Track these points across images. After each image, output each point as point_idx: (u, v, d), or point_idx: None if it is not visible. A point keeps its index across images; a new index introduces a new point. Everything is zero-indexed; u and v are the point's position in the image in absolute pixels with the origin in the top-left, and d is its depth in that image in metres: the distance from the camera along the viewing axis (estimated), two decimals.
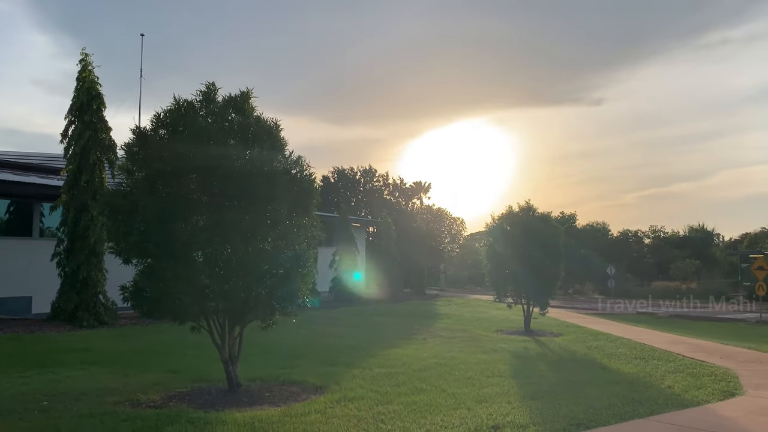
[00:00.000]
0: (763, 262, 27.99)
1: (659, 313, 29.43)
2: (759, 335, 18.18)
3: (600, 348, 13.68)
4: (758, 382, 9.45)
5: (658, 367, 10.89)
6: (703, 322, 24.75)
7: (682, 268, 54.84)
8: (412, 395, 8.08)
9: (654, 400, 7.89)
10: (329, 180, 60.03)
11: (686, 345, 14.60)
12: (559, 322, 20.75)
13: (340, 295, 29.12)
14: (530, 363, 11.56)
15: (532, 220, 17.34)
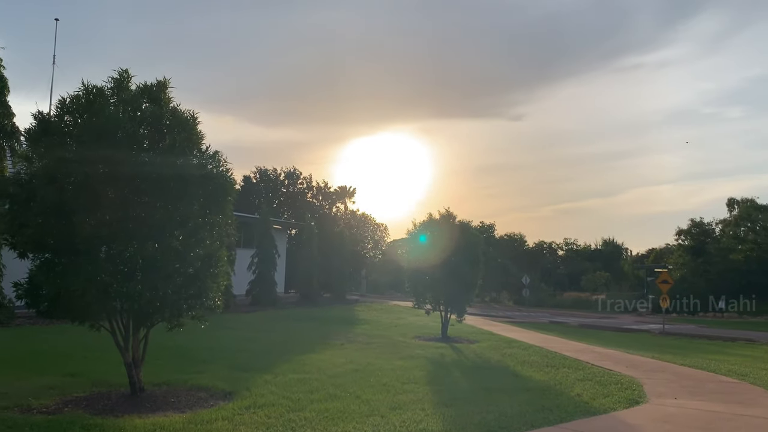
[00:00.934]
0: (667, 276, 29.46)
1: (570, 322, 30.42)
2: (661, 345, 19.05)
3: (513, 355, 13.91)
4: (661, 390, 9.80)
5: (568, 375, 11.13)
6: (611, 332, 25.77)
7: (592, 280, 57.15)
8: (326, 402, 7.87)
9: (564, 408, 8.01)
10: (251, 180, 58.88)
11: (595, 354, 15.07)
12: (476, 329, 21.05)
13: (258, 298, 28.48)
14: (446, 370, 11.58)
15: (452, 228, 17.50)
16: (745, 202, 50.63)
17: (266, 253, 29.55)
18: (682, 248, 50.59)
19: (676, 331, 25.96)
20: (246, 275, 28.84)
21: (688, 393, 9.63)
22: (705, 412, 8.13)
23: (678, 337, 23.60)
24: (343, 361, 11.75)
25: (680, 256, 50.36)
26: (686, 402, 8.84)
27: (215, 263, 7.51)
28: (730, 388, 10.33)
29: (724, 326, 32.43)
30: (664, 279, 28.57)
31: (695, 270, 47.36)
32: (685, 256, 49.48)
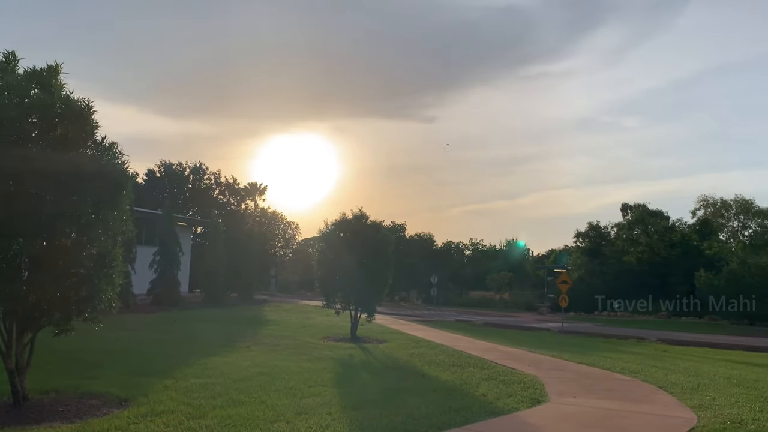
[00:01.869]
0: (566, 277, 30.75)
1: (475, 320, 31.17)
2: (561, 344, 19.81)
3: (421, 355, 14.01)
4: (561, 388, 10.13)
5: (473, 374, 11.30)
6: (514, 330, 26.59)
7: (496, 280, 58.96)
8: (229, 408, 7.57)
9: (469, 408, 8.09)
10: (155, 174, 56.60)
11: (498, 352, 15.45)
12: (385, 328, 21.11)
13: (160, 298, 27.34)
14: (354, 371, 11.49)
15: (364, 228, 17.44)
16: (638, 207, 53.79)
17: (169, 251, 28.43)
18: (580, 250, 53.08)
19: (574, 330, 27.14)
20: (147, 274, 27.63)
21: (587, 391, 10.01)
22: (601, 410, 8.45)
23: (576, 335, 24.68)
24: (248, 364, 11.40)
25: (578, 258, 52.81)
26: (584, 400, 9.17)
27: (110, 263, 7.03)
28: (624, 385, 10.83)
29: (618, 325, 34.29)
30: (564, 279, 29.79)
31: (592, 271, 49.82)
32: (582, 258, 51.94)
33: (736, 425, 7.45)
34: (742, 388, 10.67)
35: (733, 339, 25.34)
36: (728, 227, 54.53)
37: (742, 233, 53.25)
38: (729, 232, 54.61)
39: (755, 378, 12.32)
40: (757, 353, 19.28)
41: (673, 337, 24.46)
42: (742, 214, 53.34)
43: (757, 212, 52.39)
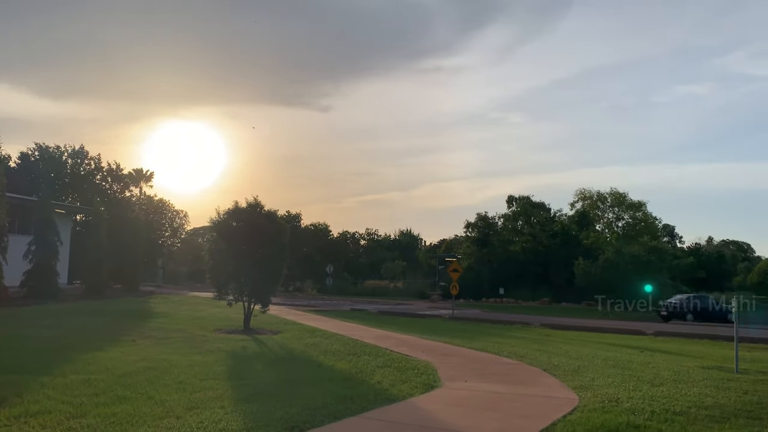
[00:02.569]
0: (457, 265, 31.73)
1: (370, 309, 31.49)
2: (452, 330, 20.42)
3: (316, 345, 13.94)
4: (453, 374, 10.41)
5: (369, 362, 11.38)
6: (407, 318, 27.10)
7: (391, 269, 59.88)
8: (113, 405, 7.15)
9: (365, 397, 8.13)
10: (29, 158, 52.59)
11: (393, 340, 15.67)
12: (280, 319, 20.84)
13: (35, 290, 25.46)
14: (248, 363, 11.23)
15: (258, 217, 17.05)
16: (523, 200, 56.38)
17: (46, 239, 26.51)
18: (470, 239, 54.96)
19: (464, 316, 28.06)
20: (22, 264, 25.63)
21: (477, 375, 10.35)
22: (491, 393, 8.76)
23: (466, 321, 25.54)
24: (134, 358, 10.85)
25: (468, 247, 54.67)
26: (475, 384, 9.48)
27: None
28: (512, 369, 11.31)
29: (505, 311, 35.87)
30: (455, 268, 30.75)
31: (481, 259, 51.77)
32: (472, 247, 53.81)
33: (613, 403, 7.95)
34: (617, 369, 11.44)
35: (608, 323, 27.24)
36: (604, 218, 58.34)
37: (616, 224, 57.17)
38: (605, 223, 58.47)
39: (629, 359, 13.25)
40: (629, 336, 20.78)
41: (555, 321, 25.90)
42: (616, 207, 57.24)
43: (629, 205, 56.39)
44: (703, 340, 19.28)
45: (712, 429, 6.75)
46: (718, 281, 71.78)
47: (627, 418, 7.05)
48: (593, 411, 7.44)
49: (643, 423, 6.85)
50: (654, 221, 60.12)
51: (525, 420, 6.99)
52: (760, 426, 7.01)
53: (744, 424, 7.08)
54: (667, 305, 34.73)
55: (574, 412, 7.41)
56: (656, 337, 20.52)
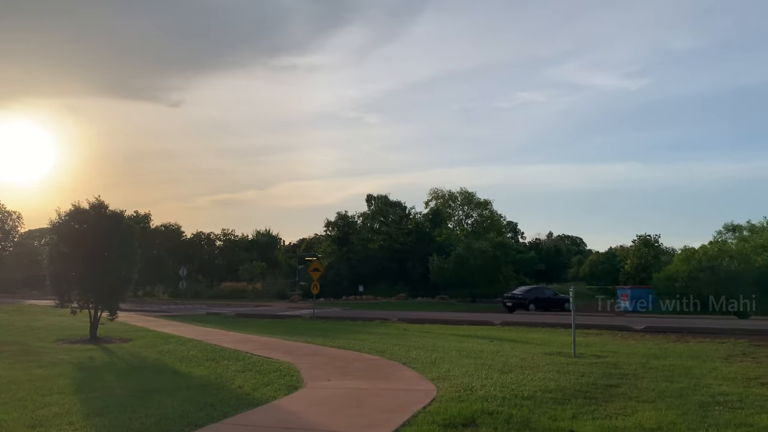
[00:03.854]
0: (318, 264, 31.79)
1: (227, 312, 30.65)
2: (313, 329, 20.43)
3: (171, 352, 13.35)
4: (316, 373, 10.44)
5: (228, 367, 11.10)
6: (267, 319, 26.70)
7: (249, 270, 58.62)
8: None
9: (227, 402, 7.93)
10: None
11: (253, 343, 15.40)
12: (129, 326, 19.71)
13: None
14: (96, 374, 10.51)
15: (103, 218, 15.99)
16: (380, 199, 57.65)
17: None
18: (330, 238, 55.26)
19: (325, 315, 28.18)
20: None
21: (340, 373, 10.46)
22: (354, 390, 8.90)
23: (327, 320, 25.65)
24: None
25: (328, 246, 54.93)
26: (338, 383, 9.58)
27: None
28: (373, 365, 11.55)
29: (364, 308, 36.48)
30: (315, 267, 30.78)
31: (341, 258, 52.24)
32: (332, 246, 54.14)
33: (468, 392, 8.40)
34: (470, 359, 12.08)
35: (460, 315, 28.63)
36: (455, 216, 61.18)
37: (466, 221, 60.16)
38: (456, 220, 61.31)
39: (480, 349, 14.04)
40: (479, 326, 21.97)
41: (411, 316, 26.78)
42: (466, 205, 60.24)
43: (478, 203, 59.59)
44: (544, 328, 20.81)
45: (556, 410, 7.34)
46: (556, 273, 77.96)
47: (481, 405, 7.47)
48: (450, 401, 7.81)
49: (495, 409, 7.30)
50: (499, 218, 64.14)
51: (388, 414, 7.18)
52: (595, 405, 7.73)
53: (582, 404, 7.77)
54: (512, 296, 37.11)
55: (432, 403, 7.73)
56: (503, 326, 21.87)
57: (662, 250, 54.87)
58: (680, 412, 7.32)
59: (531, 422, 6.74)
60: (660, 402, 7.92)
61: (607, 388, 8.95)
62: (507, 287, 42.98)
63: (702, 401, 7.98)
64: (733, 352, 13.91)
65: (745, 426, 6.63)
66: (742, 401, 7.97)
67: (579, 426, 6.58)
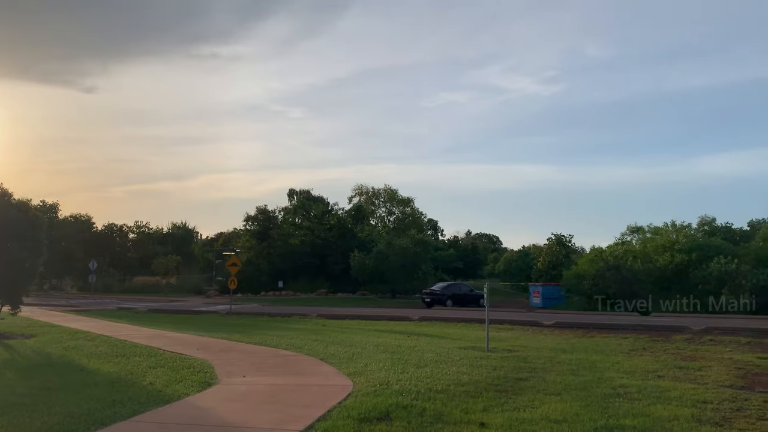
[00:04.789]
0: (236, 259, 31.25)
1: (140, 307, 29.66)
2: (229, 325, 20.08)
3: (78, 348, 12.81)
4: (230, 369, 10.29)
5: (139, 363, 10.77)
6: (182, 315, 26.04)
7: (163, 264, 56.86)
8: None
9: (136, 399, 7.69)
10: None
11: (166, 339, 14.99)
12: (33, 321, 18.76)
13: None
14: None
15: (7, 208, 15.12)
16: (303, 193, 57.26)
17: None
18: (249, 233, 54.34)
19: (242, 311, 27.76)
20: None
21: (255, 369, 10.35)
22: (270, 386, 8.84)
23: (244, 316, 25.27)
24: None
25: (247, 240, 54.01)
26: (253, 379, 9.48)
27: None
28: (290, 360, 11.49)
29: (284, 303, 36.17)
30: (233, 262, 30.25)
31: (260, 253, 51.49)
32: (251, 240, 53.27)
33: (384, 387, 8.51)
34: (387, 354, 12.23)
35: (379, 310, 28.88)
36: (378, 213, 61.58)
37: (388, 218, 60.66)
38: (378, 217, 61.71)
39: (397, 344, 14.24)
40: (398, 322, 22.26)
41: (331, 312, 26.80)
42: (389, 202, 60.73)
43: (400, 200, 60.20)
44: (460, 323, 21.32)
45: (468, 403, 7.56)
46: (472, 270, 79.98)
47: (396, 399, 7.60)
48: (366, 395, 7.89)
49: (410, 403, 7.44)
50: (420, 216, 65.02)
51: (303, 409, 7.17)
52: (505, 397, 8.01)
53: (493, 396, 8.04)
54: (430, 292, 37.75)
55: (348, 398, 7.79)
56: (421, 322, 22.24)
57: (573, 249, 57.26)
58: (584, 403, 7.70)
59: (443, 415, 6.91)
60: (566, 394, 8.30)
61: (517, 381, 9.30)
62: (426, 283, 43.68)
63: (604, 393, 8.42)
64: (634, 347, 14.74)
65: (643, 416, 7.05)
66: (640, 393, 8.47)
67: (489, 418, 6.81)
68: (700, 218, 46.76)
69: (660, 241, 39.15)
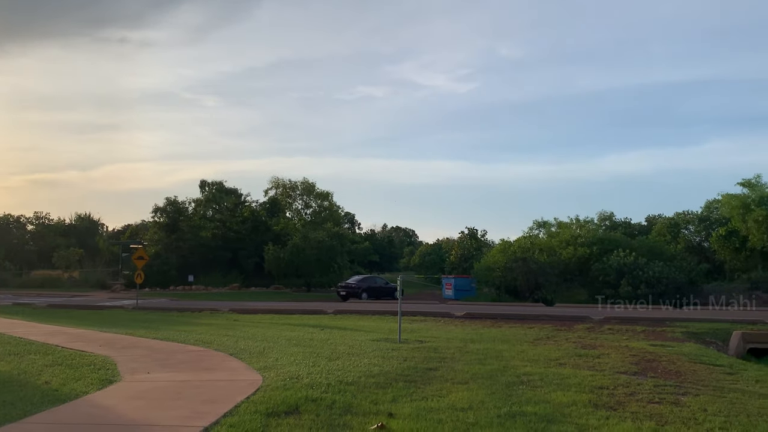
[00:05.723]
0: (143, 252, 30.09)
1: (38, 303, 28.04)
2: (135, 320, 19.34)
3: None
4: (134, 366, 9.90)
5: (35, 362, 10.18)
6: (84, 310, 24.83)
7: (65, 257, 54.05)
8: None
9: (29, 400, 7.26)
10: None
11: (66, 335, 14.27)
12: None
13: None
14: None
15: None
16: (215, 185, 55.78)
17: None
18: (158, 225, 52.41)
19: (149, 306, 26.80)
20: None
21: (160, 366, 10.01)
22: (176, 382, 8.57)
23: (151, 311, 24.41)
24: None
25: (155, 233, 52.09)
26: (158, 375, 9.16)
27: None
28: (198, 356, 11.19)
29: (194, 298, 35.21)
30: (140, 255, 29.10)
31: (169, 246, 49.78)
32: (160, 233, 51.41)
33: (294, 380, 8.44)
34: (300, 348, 12.14)
35: (293, 304, 28.64)
36: (294, 206, 60.97)
37: (305, 211, 60.18)
38: (295, 210, 61.10)
39: (310, 337, 14.17)
40: (313, 315, 22.13)
41: (243, 306, 26.33)
42: (306, 195, 60.24)
43: (318, 194, 59.86)
44: (374, 316, 21.48)
45: (377, 394, 7.62)
46: (389, 263, 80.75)
47: (306, 392, 7.55)
48: (275, 389, 7.80)
49: (319, 396, 7.41)
50: (338, 209, 64.89)
51: (210, 405, 7.00)
52: (414, 387, 8.14)
53: (403, 387, 8.15)
54: (345, 285, 37.82)
55: (257, 392, 7.67)
56: (336, 315, 22.23)
57: (485, 243, 58.85)
58: (489, 391, 7.93)
59: (353, 407, 6.94)
60: (473, 383, 8.53)
61: (427, 371, 9.47)
62: (342, 277, 43.67)
63: (509, 381, 8.71)
64: (539, 336, 15.35)
65: (544, 402, 7.34)
66: (542, 380, 8.82)
67: (397, 408, 6.89)
68: (599, 214, 49.42)
69: (564, 236, 40.90)
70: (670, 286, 31.52)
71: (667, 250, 37.64)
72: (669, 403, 7.48)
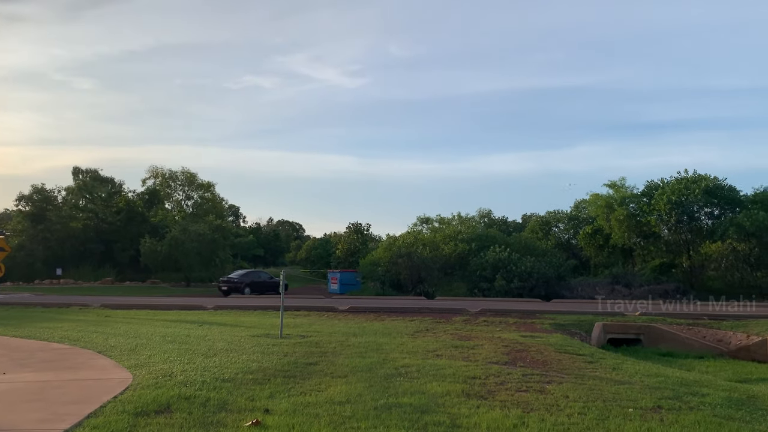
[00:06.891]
0: (4, 244, 27.78)
1: None
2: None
3: None
4: None
5: None
6: None
7: None
8: None
9: None
10: None
11: None
12: None
13: None
14: None
15: None
16: (89, 173, 52.49)
17: None
18: (23, 214, 48.58)
19: (10, 301, 24.89)
20: None
21: (19, 365, 9.30)
22: (35, 383, 7.99)
23: (12, 306, 22.61)
24: None
25: (20, 223, 48.27)
26: (16, 376, 8.49)
27: None
28: (62, 354, 10.49)
29: (62, 293, 32.98)
30: (1, 246, 26.84)
31: (35, 237, 46.32)
32: (24, 223, 47.69)
33: (167, 378, 8.11)
34: (175, 344, 11.69)
35: (171, 300, 27.53)
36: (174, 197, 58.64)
37: (186, 203, 58.04)
38: (175, 201, 58.79)
39: (187, 334, 13.68)
40: (191, 311, 21.40)
41: (116, 301, 24.99)
42: (187, 186, 58.11)
43: (199, 185, 57.95)
44: (256, 311, 21.09)
45: (254, 391, 7.50)
46: (273, 257, 79.77)
47: (179, 390, 7.29)
48: (146, 388, 7.46)
49: (193, 393, 7.18)
50: (221, 202, 63.10)
51: (73, 406, 6.58)
52: (293, 383, 8.08)
53: (282, 382, 8.07)
54: (227, 280, 36.87)
55: (126, 391, 7.31)
56: (215, 311, 21.61)
57: (371, 237, 59.56)
58: (368, 384, 8.03)
59: (228, 404, 6.78)
60: (352, 376, 8.60)
61: (307, 366, 9.43)
62: (224, 271, 42.53)
63: (387, 373, 8.86)
64: (419, 329, 15.75)
65: (419, 393, 7.54)
66: (419, 371, 9.06)
67: (274, 404, 6.82)
68: (479, 211, 51.58)
69: (447, 231, 42.24)
70: (540, 280, 33.40)
71: (538, 247, 39.82)
72: (535, 391, 7.92)
